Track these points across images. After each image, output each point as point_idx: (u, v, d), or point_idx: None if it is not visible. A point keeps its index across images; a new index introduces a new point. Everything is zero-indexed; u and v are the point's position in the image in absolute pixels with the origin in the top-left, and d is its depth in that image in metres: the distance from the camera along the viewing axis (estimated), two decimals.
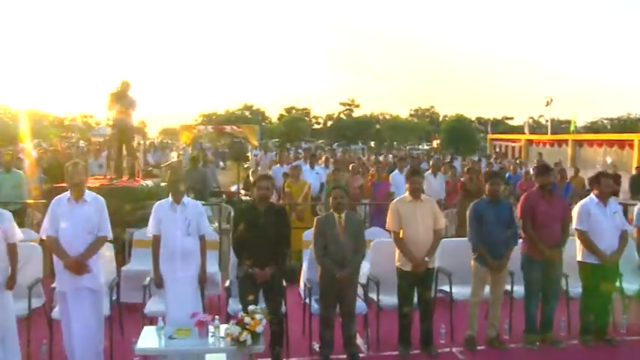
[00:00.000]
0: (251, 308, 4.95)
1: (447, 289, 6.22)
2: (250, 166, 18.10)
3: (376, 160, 15.20)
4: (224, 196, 12.60)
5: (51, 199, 5.34)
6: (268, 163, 16.35)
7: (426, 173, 12.09)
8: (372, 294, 6.05)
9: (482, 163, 18.33)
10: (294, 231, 8.74)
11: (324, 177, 11.22)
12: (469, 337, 6.01)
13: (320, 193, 10.74)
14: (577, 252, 6.20)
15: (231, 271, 6.08)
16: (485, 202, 6.03)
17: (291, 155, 17.84)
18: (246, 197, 11.98)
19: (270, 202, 5.68)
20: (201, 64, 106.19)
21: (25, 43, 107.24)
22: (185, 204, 5.47)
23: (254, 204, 5.62)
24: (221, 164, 26.47)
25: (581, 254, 6.15)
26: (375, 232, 7.35)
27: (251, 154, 22.55)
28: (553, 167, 6.94)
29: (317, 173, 11.50)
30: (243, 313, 4.90)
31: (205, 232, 5.57)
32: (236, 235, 5.61)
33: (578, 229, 6.12)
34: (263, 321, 4.85)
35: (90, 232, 5.12)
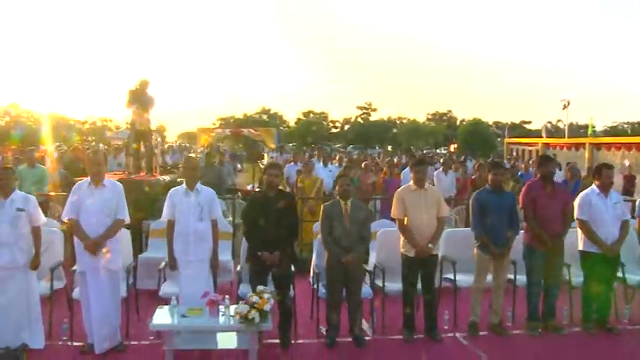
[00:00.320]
0: (260, 288, 5.20)
1: (451, 277, 6.41)
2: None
3: (390, 160, 15.34)
4: (239, 193, 12.83)
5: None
6: (283, 162, 16.59)
7: (436, 171, 12.31)
8: (378, 281, 6.25)
9: None
10: (306, 224, 9.02)
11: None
12: (472, 323, 6.16)
13: (333, 189, 10.90)
14: (578, 241, 6.33)
15: (243, 258, 6.33)
16: (488, 192, 6.18)
17: (306, 155, 18.08)
18: None
19: (280, 189, 5.90)
20: (220, 68, 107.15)
21: (48, 48, 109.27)
22: (198, 190, 5.72)
23: (264, 191, 5.86)
24: (238, 166, 26.72)
25: (582, 243, 6.28)
26: (382, 224, 7.57)
27: (267, 155, 22.81)
28: (554, 159, 7.08)
29: (330, 171, 11.74)
30: (252, 293, 5.16)
31: (217, 216, 5.80)
32: (246, 219, 5.85)
33: (580, 219, 6.25)
34: (271, 300, 5.09)
35: (108, 216, 5.41)
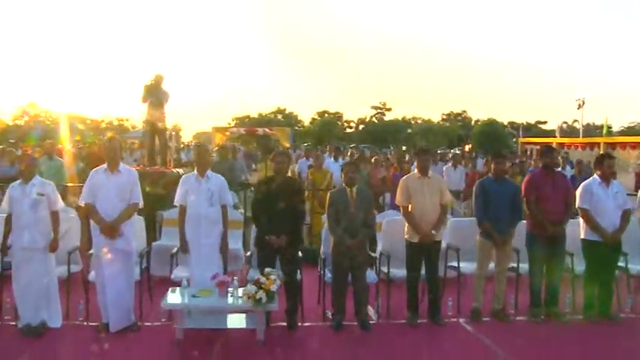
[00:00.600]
0: (267, 270, 5.41)
1: (456, 265, 6.57)
2: None
3: (400, 156, 15.46)
4: (252, 188, 13.02)
5: None
6: (295, 157, 16.81)
7: (445, 166, 12.45)
8: (384, 267, 6.42)
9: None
10: (316, 216, 9.21)
11: None
12: (474, 308, 6.30)
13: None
14: (580, 230, 6.45)
15: (252, 245, 6.53)
16: (491, 180, 6.34)
17: (318, 152, 18.24)
18: None
19: (287, 175, 6.09)
20: (236, 68, 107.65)
21: (66, 48, 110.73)
22: (209, 177, 5.95)
23: (272, 177, 6.07)
24: (253, 166, 26.94)
25: (584, 232, 6.39)
26: (389, 214, 7.72)
27: None
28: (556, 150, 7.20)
29: (340, 165, 11.84)
30: (259, 275, 5.36)
31: (227, 202, 6.03)
32: (254, 204, 6.06)
33: (581, 208, 6.36)
34: (277, 281, 5.30)
35: (123, 200, 5.65)
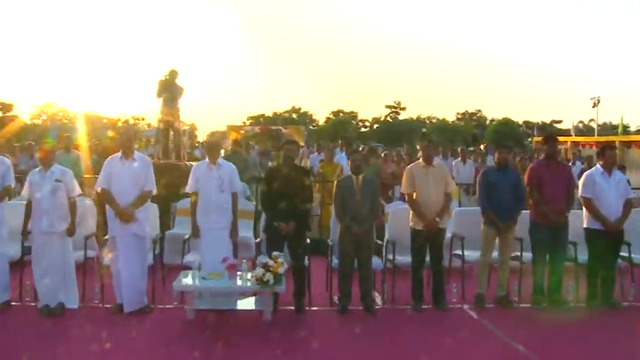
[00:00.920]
0: (275, 254, 5.61)
1: (460, 253, 6.71)
2: None
3: (412, 152, 15.56)
4: None
5: None
6: (307, 153, 17.05)
7: (454, 161, 12.56)
8: (390, 255, 6.59)
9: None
10: (325, 207, 9.40)
11: None
12: (478, 295, 6.43)
13: None
14: (583, 219, 6.55)
15: (261, 231, 6.73)
16: (494, 170, 6.50)
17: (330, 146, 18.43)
18: None
19: (295, 163, 6.29)
20: (251, 67, 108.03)
21: (82, 47, 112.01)
22: (220, 164, 6.16)
23: (281, 165, 6.25)
24: (269, 164, 27.16)
25: (586, 221, 6.50)
26: (397, 204, 7.89)
27: None
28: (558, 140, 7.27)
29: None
30: (268, 259, 5.56)
31: (237, 189, 6.22)
32: (263, 191, 6.25)
33: (584, 197, 6.47)
34: (284, 264, 5.50)
35: (137, 186, 5.88)
